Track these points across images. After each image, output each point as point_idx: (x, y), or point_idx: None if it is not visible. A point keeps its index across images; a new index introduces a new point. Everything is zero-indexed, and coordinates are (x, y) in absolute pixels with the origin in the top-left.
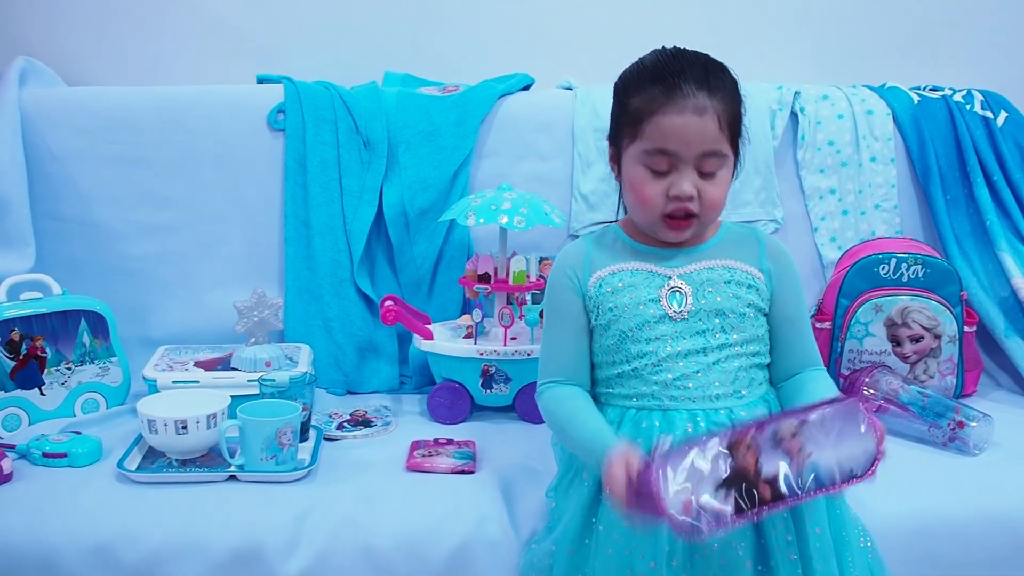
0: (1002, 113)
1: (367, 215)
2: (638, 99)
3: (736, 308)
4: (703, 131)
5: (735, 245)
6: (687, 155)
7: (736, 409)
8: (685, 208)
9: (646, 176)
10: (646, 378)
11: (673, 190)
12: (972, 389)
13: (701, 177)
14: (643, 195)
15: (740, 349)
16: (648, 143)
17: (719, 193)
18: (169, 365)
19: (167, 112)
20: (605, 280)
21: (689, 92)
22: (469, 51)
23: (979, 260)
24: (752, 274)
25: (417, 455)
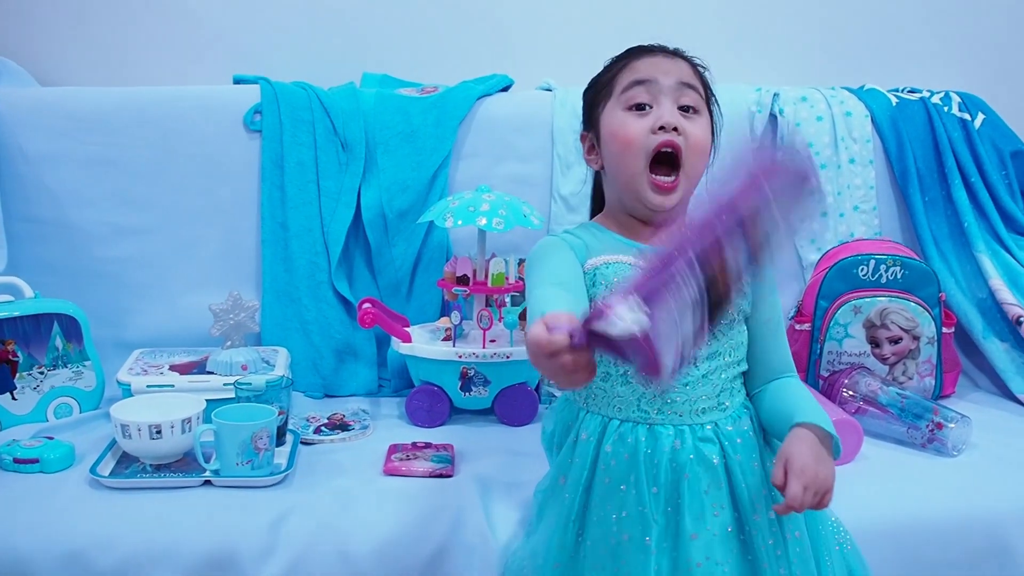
0: (979, 115)
1: (345, 217)
2: (608, 71)
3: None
4: (677, 66)
5: None
6: (667, 82)
7: (722, 422)
8: (672, 142)
9: (626, 117)
10: (634, 387)
11: (658, 121)
12: (950, 390)
13: (683, 116)
14: (626, 135)
15: (728, 358)
16: (623, 83)
17: (703, 135)
18: (144, 369)
19: (142, 113)
20: (600, 270)
21: (657, 47)
22: (448, 52)
23: (957, 261)
24: None
25: (395, 459)
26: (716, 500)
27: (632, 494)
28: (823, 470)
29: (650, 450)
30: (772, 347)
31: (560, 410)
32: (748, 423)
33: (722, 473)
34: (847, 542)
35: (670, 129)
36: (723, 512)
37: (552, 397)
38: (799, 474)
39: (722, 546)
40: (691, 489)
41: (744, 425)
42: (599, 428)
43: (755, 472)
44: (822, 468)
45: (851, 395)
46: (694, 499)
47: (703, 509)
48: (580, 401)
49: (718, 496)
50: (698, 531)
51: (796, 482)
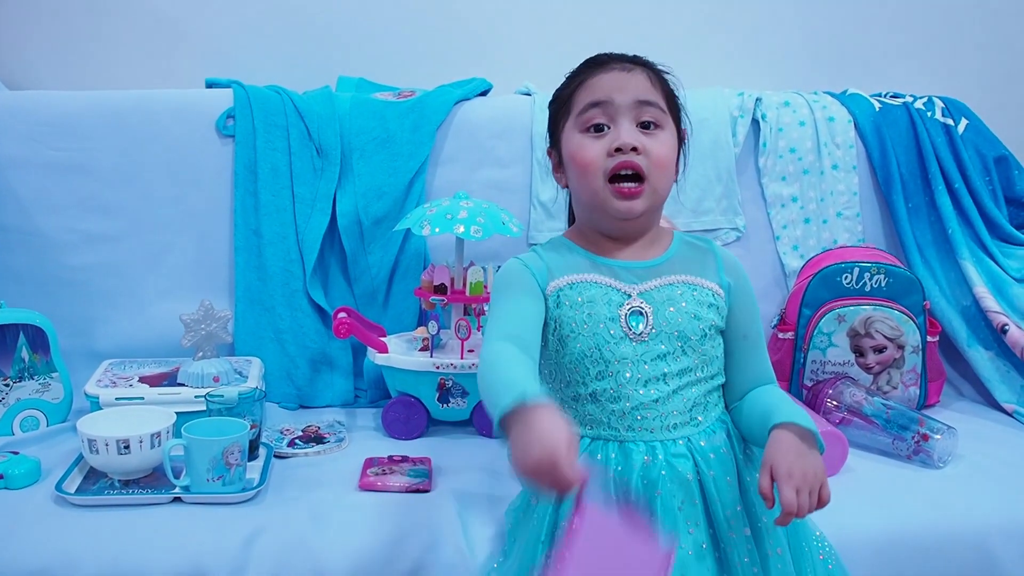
0: (963, 120)
1: (320, 224)
2: (567, 88)
3: (697, 329)
4: (633, 81)
5: (692, 258)
6: (622, 102)
7: (695, 437)
8: (631, 163)
9: (583, 139)
10: (604, 405)
11: (615, 143)
12: (935, 400)
13: (642, 132)
14: (583, 159)
15: (700, 374)
16: (579, 105)
17: (664, 151)
18: (112, 381)
19: (111, 117)
20: (563, 291)
21: (613, 60)
22: (425, 55)
23: (941, 269)
24: (713, 291)
25: (370, 473)
26: (690, 517)
27: None
28: (810, 466)
29: (621, 467)
30: (751, 361)
31: None
32: (723, 438)
33: (696, 489)
34: (831, 557)
35: (628, 150)
36: (698, 529)
37: None
38: (787, 478)
39: (697, 564)
40: (664, 506)
41: (718, 440)
42: None
43: (730, 488)
44: (809, 465)
45: (835, 405)
46: (667, 516)
47: (677, 526)
48: None
49: (692, 513)
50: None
51: (787, 488)
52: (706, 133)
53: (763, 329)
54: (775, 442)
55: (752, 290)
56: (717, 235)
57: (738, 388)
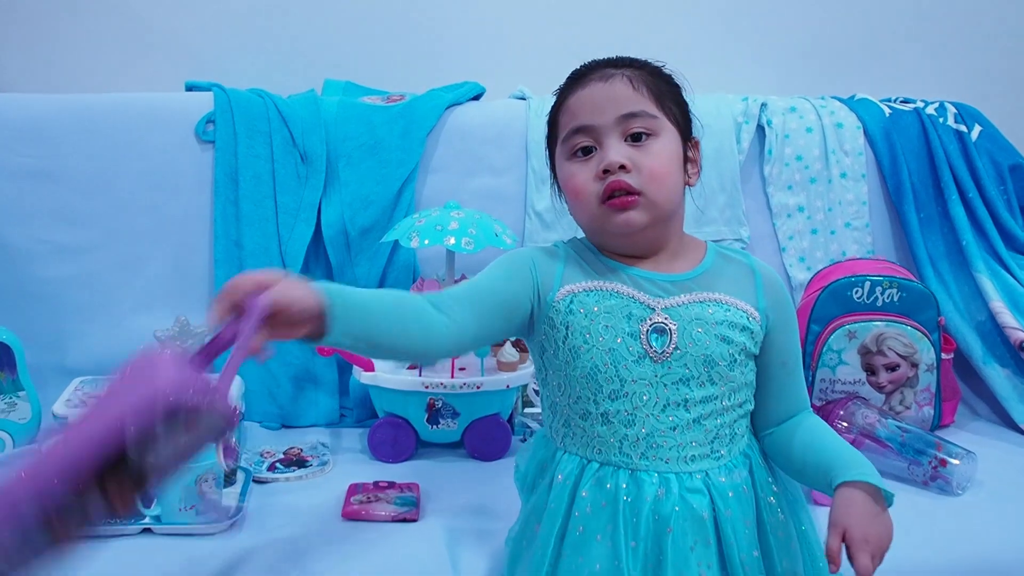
0: (976, 127)
1: (304, 234)
2: (552, 109)
3: (726, 355)
4: (613, 93)
5: (727, 275)
6: (604, 122)
7: (714, 472)
8: (620, 183)
9: (571, 167)
10: (616, 428)
11: (601, 164)
12: (949, 420)
13: (632, 147)
14: (575, 187)
15: (727, 402)
16: (563, 131)
17: (658, 163)
18: (82, 400)
19: (84, 122)
20: (578, 297)
21: (592, 71)
22: (415, 58)
23: (955, 282)
24: (748, 314)
25: (354, 501)
26: (703, 559)
27: (607, 546)
28: (885, 530)
29: (630, 498)
30: (789, 388)
31: (535, 447)
32: (745, 475)
33: (711, 529)
34: None
35: (616, 170)
36: (710, 572)
37: (527, 429)
38: (863, 544)
39: None
40: (675, 545)
41: (739, 477)
42: (576, 470)
43: (748, 530)
44: (884, 528)
45: (846, 427)
46: (678, 556)
47: (688, 568)
48: (557, 439)
49: (705, 554)
50: None
51: (863, 555)
52: (709, 140)
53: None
54: (848, 503)
55: (793, 311)
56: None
57: (773, 416)
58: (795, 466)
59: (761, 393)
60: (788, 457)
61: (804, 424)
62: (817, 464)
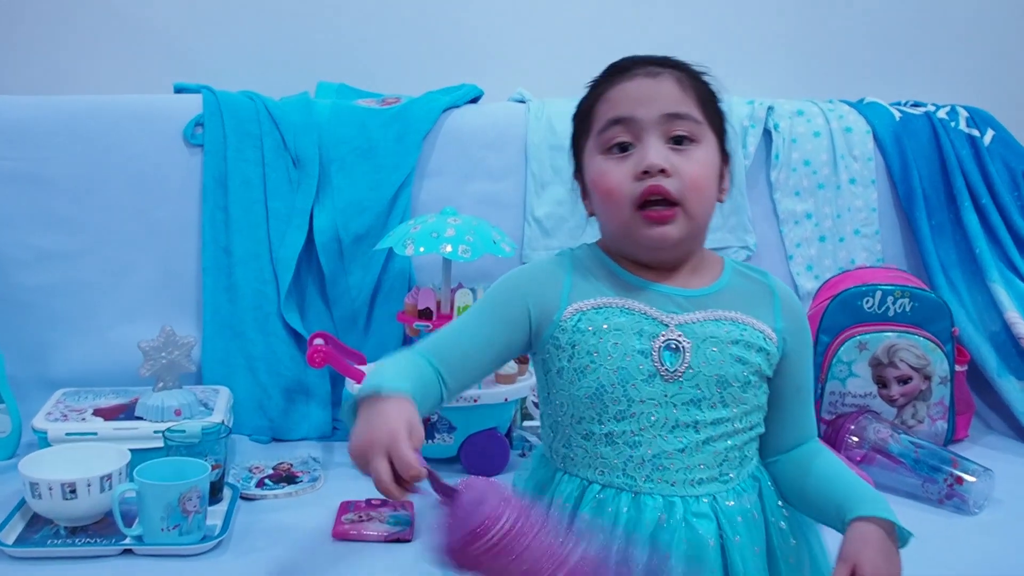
0: (989, 131)
1: (296, 241)
2: (586, 101)
3: (740, 376)
4: (660, 90)
5: (745, 293)
6: (647, 117)
7: (721, 496)
8: (659, 188)
9: (605, 163)
10: (620, 449)
11: (640, 165)
12: (963, 434)
13: (673, 149)
14: (607, 186)
15: (738, 425)
16: (599, 123)
17: (700, 171)
18: (63, 413)
19: (69, 124)
20: (587, 315)
21: (637, 65)
22: (411, 59)
23: (968, 292)
24: (765, 334)
25: (345, 520)
26: None
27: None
28: (895, 569)
29: (632, 524)
30: (801, 414)
31: (534, 468)
32: (755, 499)
33: (717, 556)
34: None
35: (656, 173)
36: None
37: (525, 443)
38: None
39: None
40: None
41: (748, 502)
42: (576, 493)
43: (757, 559)
44: (895, 567)
45: (856, 442)
46: None
47: None
48: (557, 460)
49: None
50: None
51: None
52: None
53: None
54: (862, 539)
55: (810, 336)
56: (725, 254)
57: (781, 443)
58: (804, 497)
59: (771, 418)
60: (796, 487)
61: (815, 454)
62: (829, 496)
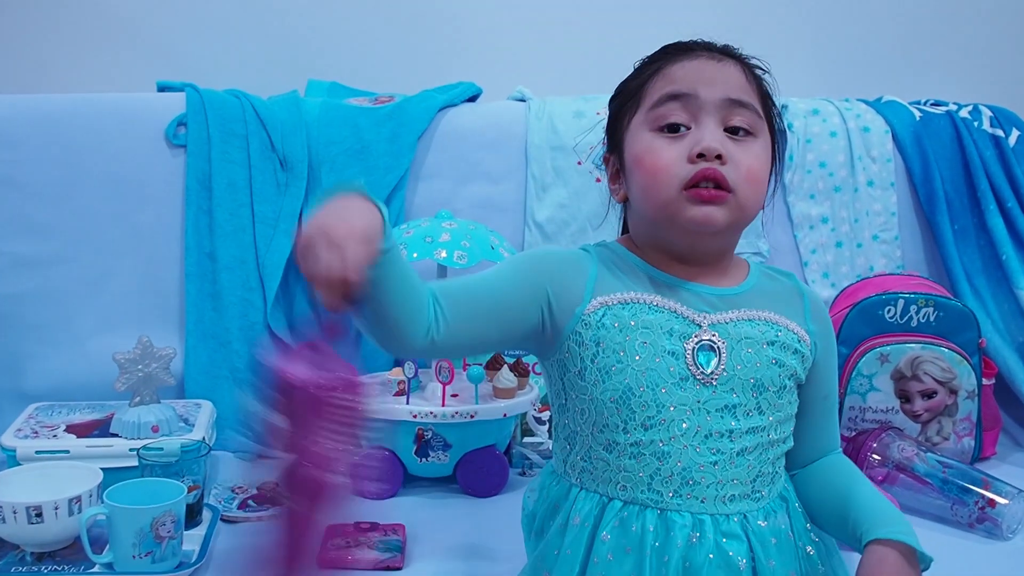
0: (1014, 131)
1: (284, 246)
2: (636, 78)
3: (776, 380)
4: (725, 74)
5: (775, 294)
6: (709, 98)
7: (752, 515)
8: (714, 172)
9: (655, 140)
10: (647, 461)
11: (696, 146)
12: (991, 451)
13: (730, 139)
14: (654, 164)
15: (773, 435)
16: (654, 96)
17: (758, 164)
18: (34, 430)
19: (45, 124)
20: (613, 310)
21: (700, 47)
22: (406, 56)
23: (993, 300)
24: (799, 336)
25: (332, 546)
26: None
27: None
28: None
29: (659, 543)
30: (826, 425)
31: (546, 485)
32: (785, 519)
33: None
34: None
35: (712, 158)
36: None
37: (525, 461)
38: None
39: None
40: None
41: (781, 522)
42: (596, 510)
43: None
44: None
45: (879, 460)
46: None
47: None
48: (573, 475)
49: None
50: None
51: None
52: None
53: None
54: (880, 563)
55: (835, 341)
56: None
57: (805, 455)
58: (822, 512)
59: (798, 428)
60: (815, 502)
61: (836, 467)
62: (847, 514)
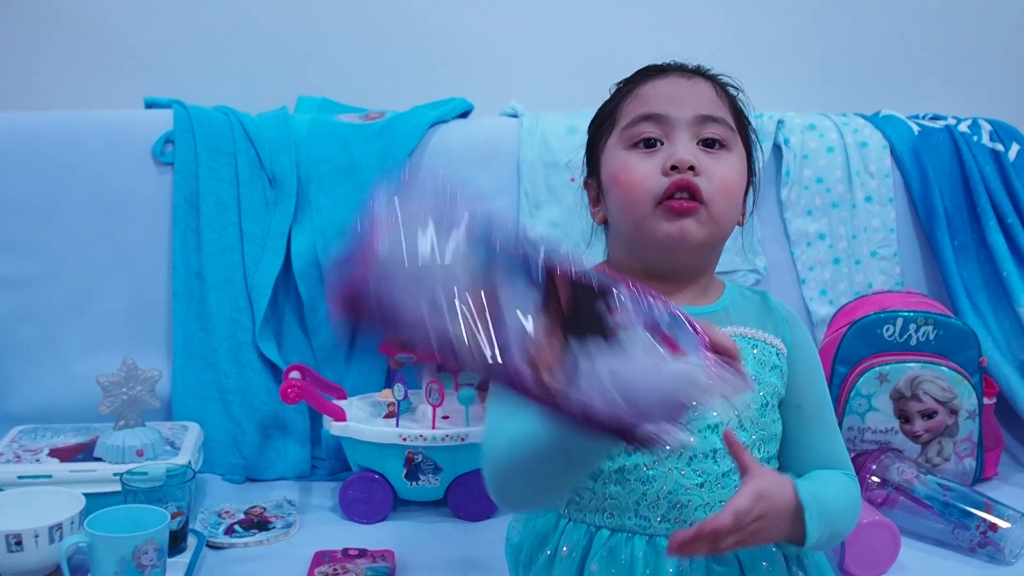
0: (1014, 146)
1: (272, 265)
2: (611, 100)
3: (758, 396)
4: (696, 91)
5: (749, 309)
6: (681, 115)
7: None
8: (687, 182)
9: (629, 156)
10: (633, 487)
11: (669, 159)
12: (992, 472)
13: (704, 151)
14: (628, 179)
15: (757, 454)
16: (627, 117)
17: (731, 175)
18: (16, 454)
19: (29, 142)
20: None
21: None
22: (397, 72)
23: (994, 317)
24: (777, 348)
25: (319, 573)
26: None
27: None
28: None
29: (649, 570)
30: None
31: (532, 516)
32: None
33: None
34: None
35: (685, 169)
36: None
37: None
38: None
39: None
40: None
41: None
42: (583, 541)
43: None
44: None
45: (879, 482)
46: None
47: None
48: (560, 506)
49: None
50: None
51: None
52: None
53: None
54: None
55: (815, 351)
56: (733, 277)
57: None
58: None
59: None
60: None
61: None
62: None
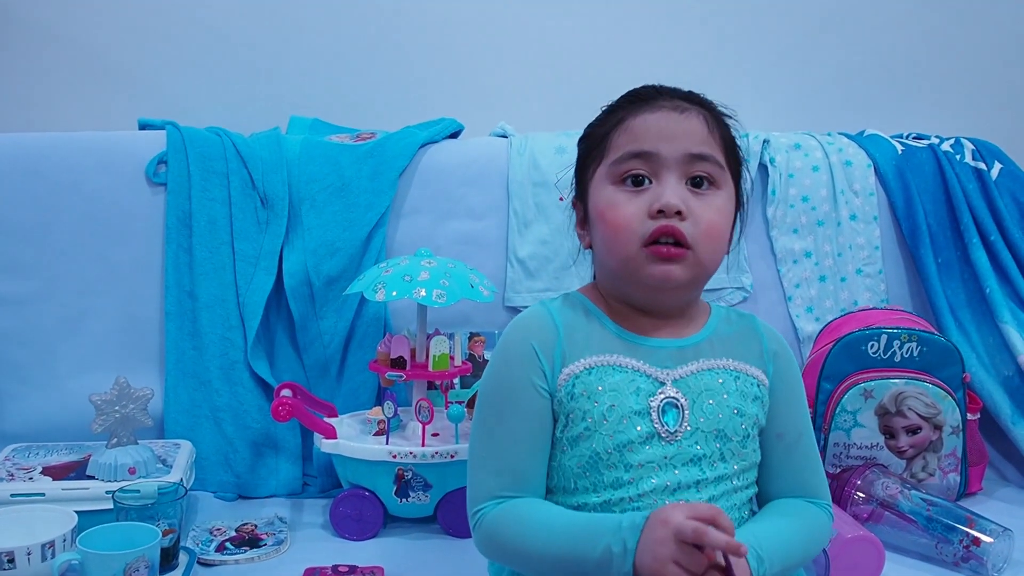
0: (996, 164)
1: (264, 284)
2: (601, 126)
3: (739, 429)
4: (686, 128)
5: (733, 338)
6: (670, 155)
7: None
8: (672, 228)
9: (616, 194)
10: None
11: (656, 203)
12: (977, 487)
13: (692, 191)
14: (615, 219)
15: (737, 482)
16: (616, 152)
17: (717, 218)
18: (10, 472)
19: (23, 163)
20: (580, 378)
21: (663, 96)
22: (388, 93)
23: (978, 334)
24: (758, 380)
25: None
26: None
27: None
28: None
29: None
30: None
31: None
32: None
33: None
34: None
35: (671, 214)
36: None
37: None
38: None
39: None
40: None
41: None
42: None
43: None
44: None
45: (864, 498)
46: None
47: None
48: None
49: None
50: None
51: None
52: None
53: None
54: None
55: (798, 379)
56: (720, 295)
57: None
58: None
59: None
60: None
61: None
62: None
